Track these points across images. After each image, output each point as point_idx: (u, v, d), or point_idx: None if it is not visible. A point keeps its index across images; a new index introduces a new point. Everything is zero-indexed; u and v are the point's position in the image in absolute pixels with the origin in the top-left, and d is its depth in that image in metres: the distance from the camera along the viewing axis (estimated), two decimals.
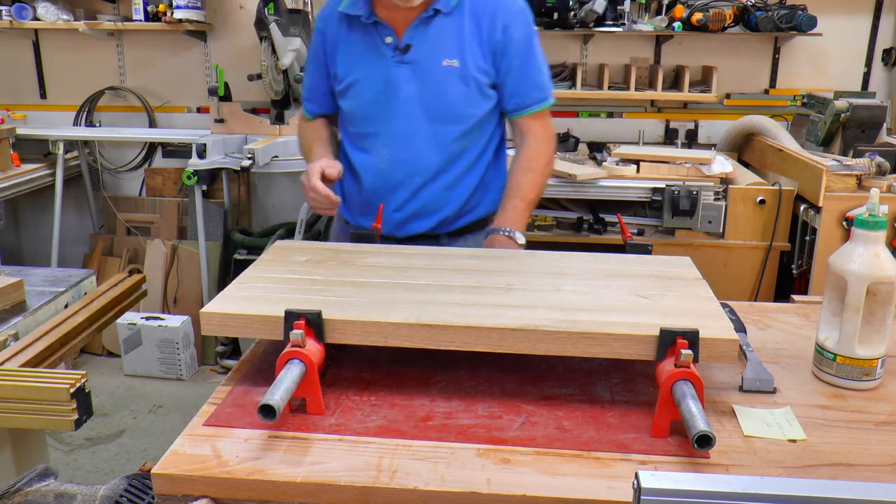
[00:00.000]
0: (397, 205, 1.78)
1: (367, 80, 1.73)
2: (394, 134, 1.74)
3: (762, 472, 0.94)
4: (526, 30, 1.75)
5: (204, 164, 3.52)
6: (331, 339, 1.10)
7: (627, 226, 2.61)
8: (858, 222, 1.14)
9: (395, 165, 1.76)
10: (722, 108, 3.77)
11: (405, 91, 1.71)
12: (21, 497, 1.13)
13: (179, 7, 3.58)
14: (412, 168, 1.76)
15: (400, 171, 1.76)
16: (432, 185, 1.77)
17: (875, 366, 1.15)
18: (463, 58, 1.69)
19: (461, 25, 1.69)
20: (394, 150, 1.75)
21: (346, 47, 1.76)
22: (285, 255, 1.42)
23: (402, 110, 1.72)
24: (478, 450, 0.98)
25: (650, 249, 1.49)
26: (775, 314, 1.48)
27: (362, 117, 1.78)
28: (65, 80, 4.06)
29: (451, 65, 1.69)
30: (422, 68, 1.69)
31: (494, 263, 1.39)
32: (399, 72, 1.70)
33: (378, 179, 1.78)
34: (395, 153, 1.75)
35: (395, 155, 1.76)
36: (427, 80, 1.70)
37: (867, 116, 2.98)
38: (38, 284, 1.62)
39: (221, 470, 0.93)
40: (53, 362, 1.37)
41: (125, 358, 3.61)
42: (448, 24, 1.69)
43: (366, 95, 1.75)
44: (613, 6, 3.43)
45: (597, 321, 1.09)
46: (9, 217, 4.21)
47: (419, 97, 1.71)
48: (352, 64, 1.75)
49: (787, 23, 3.38)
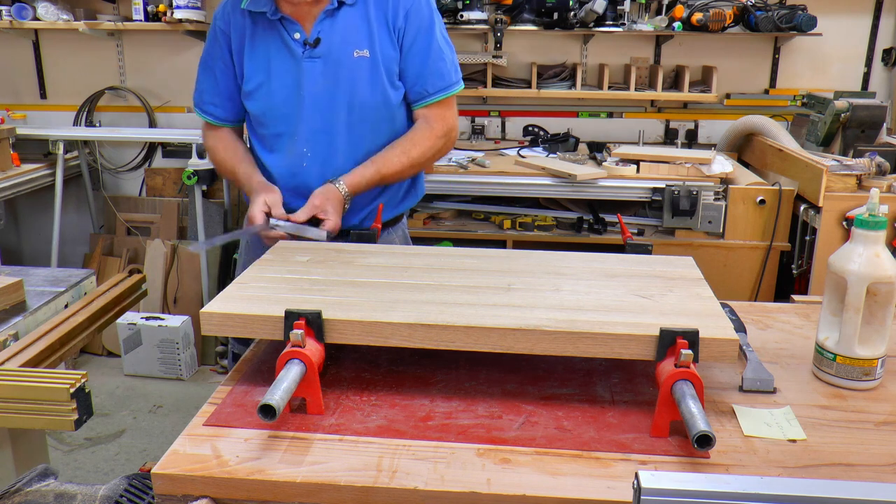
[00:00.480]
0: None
1: (278, 79, 1.68)
2: (308, 132, 1.70)
3: (762, 472, 0.94)
4: (427, 16, 1.69)
5: (204, 164, 3.52)
6: (331, 339, 1.10)
7: (627, 226, 2.61)
8: (858, 222, 1.14)
9: (312, 164, 1.72)
10: (722, 108, 3.77)
11: (317, 86, 1.66)
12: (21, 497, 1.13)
13: (179, 7, 3.58)
14: (329, 166, 1.71)
15: (317, 170, 1.71)
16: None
17: (875, 366, 1.15)
18: (373, 47, 1.65)
19: (367, 15, 1.65)
20: (309, 149, 1.71)
21: (252, 46, 1.69)
22: (285, 255, 1.42)
23: (315, 107, 1.68)
24: (478, 450, 0.98)
25: (650, 249, 1.49)
26: (775, 314, 1.48)
27: (274, 118, 1.72)
28: (65, 80, 4.06)
29: (363, 55, 1.65)
30: (333, 61, 1.65)
31: (494, 263, 1.39)
32: (310, 67, 1.66)
33: (295, 180, 1.73)
34: (311, 151, 1.71)
35: (310, 153, 1.71)
36: (339, 74, 1.66)
37: (867, 116, 2.99)
38: (38, 284, 1.62)
39: (221, 470, 0.93)
40: (53, 362, 1.37)
41: (125, 358, 3.61)
42: (354, 15, 1.65)
43: (277, 95, 1.69)
44: (613, 6, 3.43)
45: (597, 321, 1.09)
46: (9, 217, 4.22)
47: (331, 92, 1.67)
48: (260, 63, 1.69)
49: (787, 23, 3.38)
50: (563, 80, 3.68)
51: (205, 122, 1.85)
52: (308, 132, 1.70)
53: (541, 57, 3.78)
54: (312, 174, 1.72)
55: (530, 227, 3.17)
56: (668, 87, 3.69)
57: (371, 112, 1.70)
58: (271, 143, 1.76)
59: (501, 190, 3.12)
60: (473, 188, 3.15)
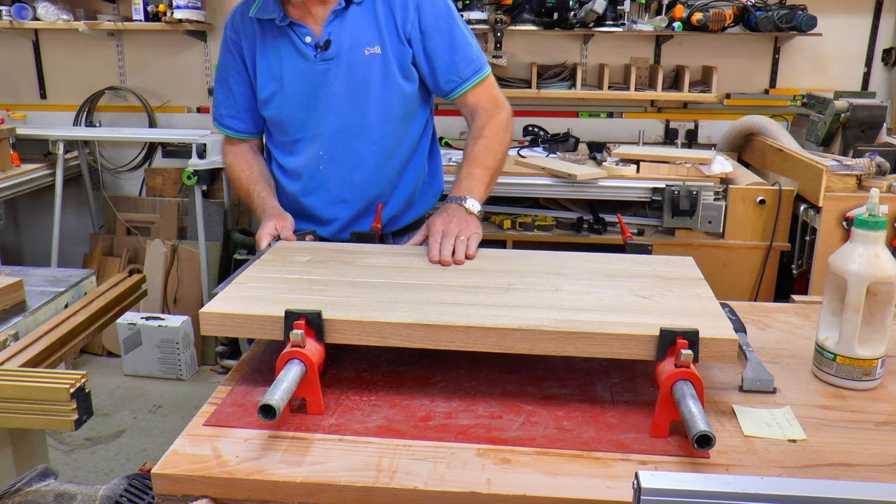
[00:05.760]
0: (346, 205, 1.74)
1: (292, 86, 1.66)
2: (325, 135, 1.68)
3: (762, 472, 0.94)
4: (441, 7, 1.67)
5: (204, 164, 3.52)
6: (331, 339, 1.10)
7: (627, 226, 2.61)
8: (858, 222, 1.14)
9: (333, 166, 1.71)
10: (722, 108, 3.77)
11: (333, 88, 1.65)
12: (21, 497, 1.13)
13: (179, 7, 3.58)
14: (350, 167, 1.71)
15: (334, 172, 1.71)
16: (373, 181, 1.72)
17: (875, 366, 1.15)
18: (383, 44, 1.64)
19: (374, 11, 1.64)
20: (325, 152, 1.70)
21: (264, 54, 1.68)
22: (285, 255, 1.42)
23: (331, 109, 1.66)
24: (478, 450, 0.98)
25: (650, 249, 1.49)
26: (775, 314, 1.48)
27: (290, 124, 1.70)
28: (65, 80, 4.06)
29: (374, 52, 1.64)
30: (345, 62, 1.64)
31: (494, 263, 1.39)
32: (324, 70, 1.64)
33: (314, 183, 1.73)
34: (328, 154, 1.70)
35: (327, 156, 1.70)
36: (353, 73, 1.65)
37: (867, 116, 2.99)
38: (38, 284, 1.62)
39: (221, 470, 0.93)
40: (53, 362, 1.37)
41: (125, 358, 3.61)
42: (362, 13, 1.64)
43: (293, 101, 1.68)
44: (613, 6, 3.43)
45: (596, 321, 1.09)
46: (9, 217, 4.22)
47: (347, 92, 1.65)
48: (273, 71, 1.68)
49: (787, 23, 3.38)
50: (563, 80, 3.68)
51: (224, 136, 1.83)
52: (325, 135, 1.69)
53: (541, 57, 3.78)
54: (330, 177, 1.72)
55: (530, 227, 3.17)
56: (668, 87, 3.69)
57: (387, 109, 1.68)
58: (290, 149, 1.74)
59: (501, 190, 3.12)
60: None
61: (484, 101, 1.72)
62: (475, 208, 1.56)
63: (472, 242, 1.43)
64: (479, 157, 1.64)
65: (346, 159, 1.70)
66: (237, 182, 1.80)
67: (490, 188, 1.66)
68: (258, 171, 1.78)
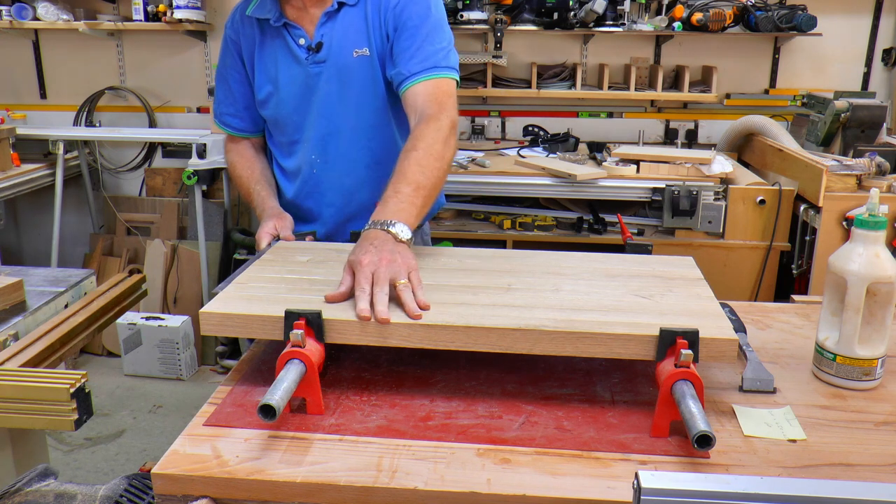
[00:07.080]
0: (336, 208, 1.74)
1: (287, 88, 1.67)
2: (316, 138, 1.69)
3: (762, 472, 0.94)
4: (420, 6, 1.62)
5: (204, 164, 3.52)
6: (331, 339, 1.09)
7: (627, 226, 2.61)
8: (858, 222, 1.14)
9: (325, 170, 1.71)
10: (722, 108, 3.77)
11: (324, 91, 1.65)
12: (21, 497, 1.13)
13: (179, 7, 3.58)
14: (341, 171, 1.71)
15: (325, 176, 1.71)
16: (364, 185, 1.72)
17: (875, 366, 1.15)
18: (371, 45, 1.63)
19: (365, 13, 1.63)
20: (318, 155, 1.70)
21: (261, 54, 1.69)
22: (285, 255, 1.42)
23: (323, 112, 1.66)
24: (478, 450, 0.98)
25: (650, 249, 1.49)
26: (775, 314, 1.48)
27: (286, 125, 1.71)
28: (65, 80, 4.06)
29: (363, 54, 1.63)
30: (335, 64, 1.64)
31: (494, 263, 1.39)
32: (316, 73, 1.64)
33: (309, 186, 1.73)
34: (324, 157, 1.70)
35: (324, 159, 1.70)
36: (342, 76, 1.64)
37: (867, 116, 2.99)
38: (38, 284, 1.62)
39: (221, 470, 0.93)
40: (53, 362, 1.37)
41: (125, 358, 3.61)
42: (354, 15, 1.64)
43: (287, 104, 1.68)
44: (613, 6, 3.43)
45: (596, 321, 1.09)
46: (9, 217, 4.22)
47: (338, 95, 1.65)
48: (268, 72, 1.68)
49: (787, 23, 3.38)
50: (563, 80, 3.68)
51: (226, 134, 1.83)
52: (316, 138, 1.69)
53: (541, 57, 3.78)
54: (322, 181, 1.72)
55: (530, 227, 3.17)
56: (668, 87, 3.69)
57: (376, 111, 1.68)
58: (288, 150, 1.75)
59: (501, 190, 3.13)
60: (473, 188, 3.15)
61: (425, 102, 1.54)
62: (405, 235, 1.27)
63: (415, 282, 1.16)
64: (408, 173, 1.39)
65: (337, 163, 1.70)
66: (239, 181, 1.80)
67: (424, 211, 1.39)
68: (259, 170, 1.78)
